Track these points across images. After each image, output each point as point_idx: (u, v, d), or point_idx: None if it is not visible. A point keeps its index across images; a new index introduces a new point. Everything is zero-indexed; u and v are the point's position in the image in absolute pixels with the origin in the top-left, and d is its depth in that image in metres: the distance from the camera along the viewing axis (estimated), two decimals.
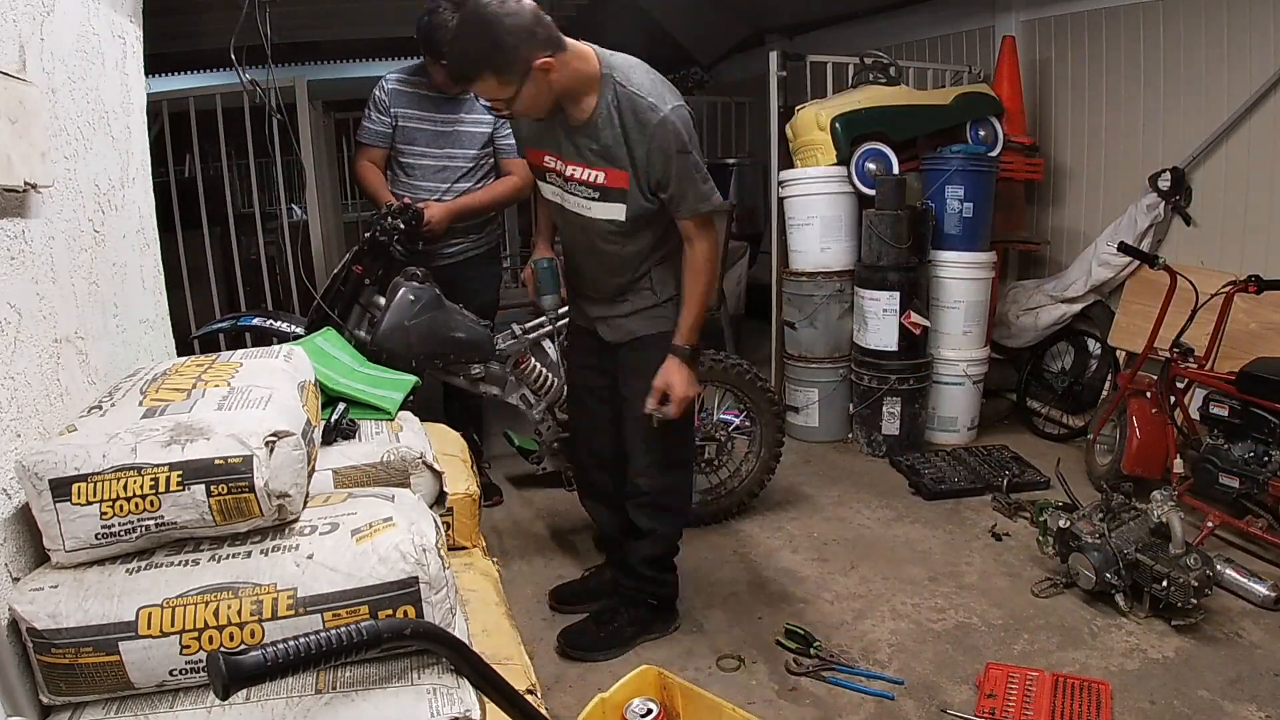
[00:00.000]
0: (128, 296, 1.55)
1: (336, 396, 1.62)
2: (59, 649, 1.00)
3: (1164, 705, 2.12)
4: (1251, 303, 3.15)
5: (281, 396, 1.19)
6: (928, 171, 3.94)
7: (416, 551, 1.07)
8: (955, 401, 3.99)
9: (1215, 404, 2.87)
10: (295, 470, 1.10)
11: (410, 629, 0.90)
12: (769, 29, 6.40)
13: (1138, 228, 3.75)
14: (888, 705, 2.17)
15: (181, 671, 1.03)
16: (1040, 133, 4.37)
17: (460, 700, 1.03)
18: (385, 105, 3.11)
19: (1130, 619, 2.48)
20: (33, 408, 1.14)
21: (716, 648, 2.44)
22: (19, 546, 1.09)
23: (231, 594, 1.03)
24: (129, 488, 1.03)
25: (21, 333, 1.12)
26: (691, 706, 1.44)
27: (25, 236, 1.16)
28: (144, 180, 1.69)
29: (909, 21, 5.12)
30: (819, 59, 4.33)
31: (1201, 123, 3.61)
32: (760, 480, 3.26)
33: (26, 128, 1.12)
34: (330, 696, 1.03)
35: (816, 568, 2.89)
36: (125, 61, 1.61)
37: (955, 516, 3.25)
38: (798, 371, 4.14)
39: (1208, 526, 2.79)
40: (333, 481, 1.41)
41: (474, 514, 1.78)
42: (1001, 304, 4.27)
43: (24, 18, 1.18)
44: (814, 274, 4.03)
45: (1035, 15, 4.37)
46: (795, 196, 4.05)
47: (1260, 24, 3.36)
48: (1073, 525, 2.61)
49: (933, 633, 2.48)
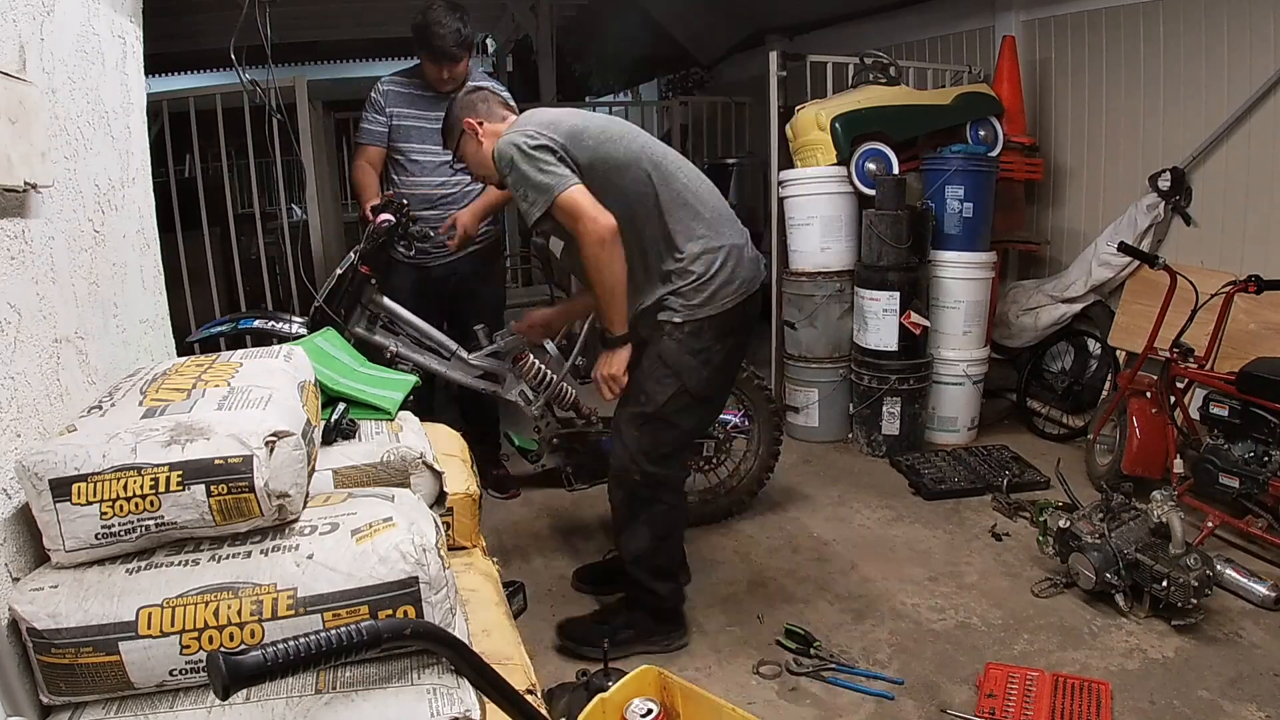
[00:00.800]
0: (128, 296, 1.55)
1: (336, 396, 1.62)
2: (59, 649, 1.00)
3: (1164, 705, 2.12)
4: (1251, 303, 3.15)
5: (281, 396, 1.19)
6: (928, 171, 3.95)
7: (416, 551, 1.07)
8: (955, 401, 3.99)
9: (1215, 404, 2.87)
10: (295, 470, 1.10)
11: (410, 629, 0.90)
12: (769, 29, 6.40)
13: (1138, 228, 3.75)
14: (888, 705, 2.17)
15: (181, 671, 1.03)
16: (1040, 133, 4.37)
17: (460, 700, 1.03)
18: (381, 106, 3.17)
19: (1130, 619, 2.48)
20: (33, 408, 1.14)
21: (717, 647, 2.44)
22: (19, 546, 1.09)
23: (231, 594, 1.03)
24: (129, 488, 1.03)
25: (21, 333, 1.12)
26: (691, 706, 1.44)
27: (25, 236, 1.16)
28: (144, 180, 1.69)
29: (909, 21, 5.12)
30: (819, 59, 4.33)
31: (1201, 123, 3.61)
32: (759, 479, 3.26)
33: (26, 128, 1.12)
34: (330, 696, 1.03)
35: (816, 568, 2.89)
36: (125, 61, 1.61)
37: (955, 516, 3.25)
38: (798, 371, 4.14)
39: (1208, 526, 2.79)
40: (333, 481, 1.41)
41: (474, 514, 1.78)
42: (1001, 304, 4.27)
43: (24, 18, 1.18)
44: (814, 274, 4.04)
45: (1035, 15, 4.37)
46: (795, 196, 4.05)
47: (1260, 24, 3.36)
48: (1073, 525, 2.61)
49: (933, 633, 2.48)
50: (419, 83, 3.17)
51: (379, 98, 3.18)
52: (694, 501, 3.18)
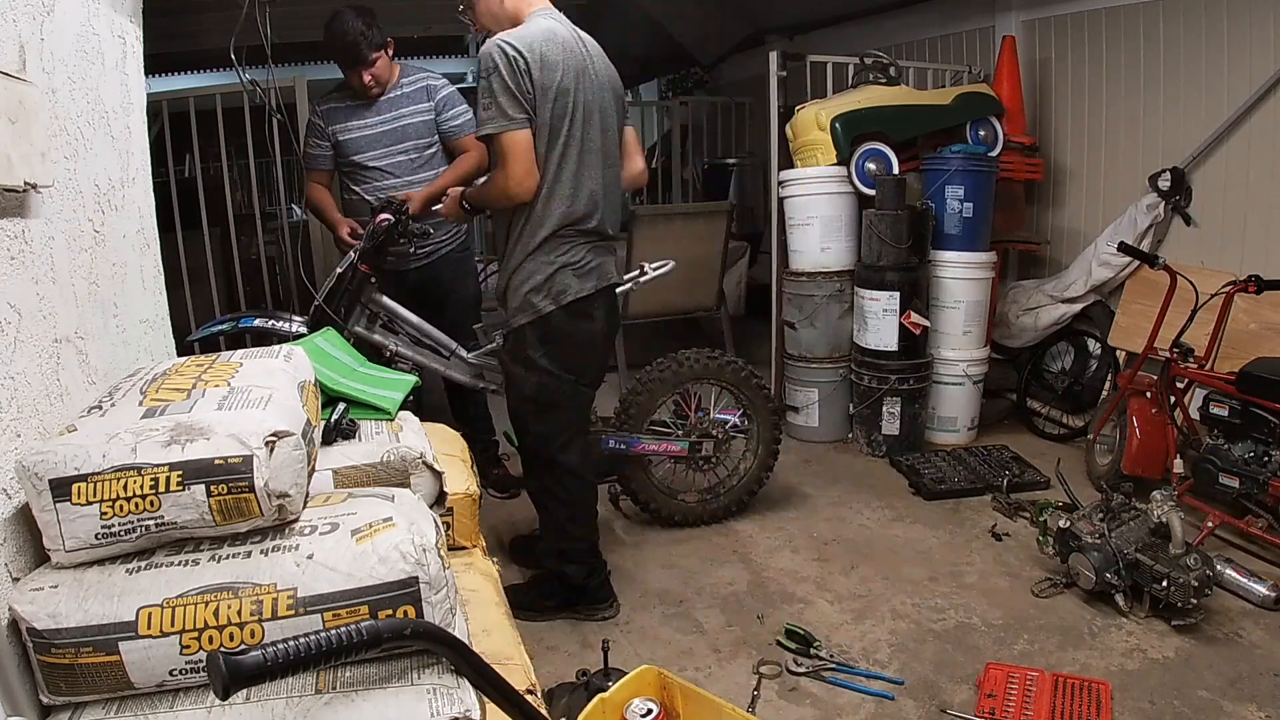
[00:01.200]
0: (128, 296, 1.55)
1: (336, 396, 1.62)
2: (59, 649, 1.00)
3: (1164, 705, 2.12)
4: (1251, 303, 3.15)
5: (281, 396, 1.19)
6: (928, 171, 3.94)
7: (416, 551, 1.07)
8: (955, 401, 3.98)
9: (1215, 404, 2.87)
10: (295, 470, 1.10)
11: (410, 629, 0.89)
12: (769, 29, 6.40)
13: (1138, 228, 3.75)
14: (888, 705, 2.17)
15: (181, 671, 1.03)
16: (1040, 133, 4.37)
17: (460, 700, 1.03)
18: (321, 129, 3.20)
19: (1130, 619, 2.48)
20: (33, 408, 1.14)
21: (716, 647, 2.44)
22: (19, 546, 1.09)
23: (231, 594, 1.03)
24: (129, 488, 1.03)
25: (21, 333, 1.12)
26: (691, 706, 1.44)
27: (25, 236, 1.16)
28: (144, 180, 1.69)
29: (909, 21, 5.12)
30: (819, 59, 4.33)
31: (1201, 123, 3.61)
32: (758, 478, 3.27)
33: (26, 128, 1.12)
34: (330, 696, 1.03)
35: (816, 568, 2.89)
36: (125, 61, 1.61)
37: (955, 516, 3.25)
38: (798, 371, 4.14)
39: (1208, 526, 2.79)
40: (333, 481, 1.41)
41: (474, 514, 1.78)
42: (1001, 304, 4.27)
43: (24, 18, 1.19)
44: (814, 274, 4.04)
45: (1035, 15, 4.37)
46: (795, 196, 4.05)
47: (1260, 24, 3.36)
48: (1073, 525, 2.61)
49: (933, 633, 2.48)
50: (349, 93, 3.18)
51: (318, 121, 3.21)
52: (693, 501, 3.20)
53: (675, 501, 3.17)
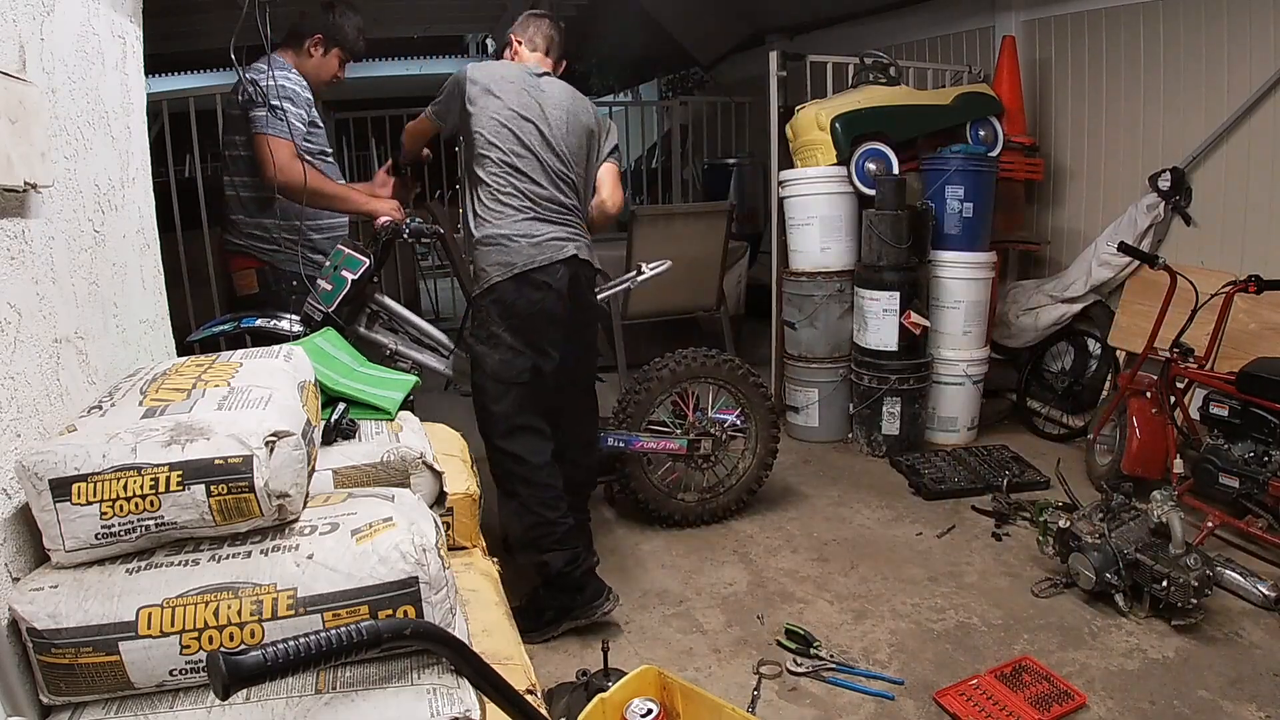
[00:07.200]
0: (128, 296, 1.55)
1: (336, 396, 1.62)
2: (59, 649, 1.00)
3: (1164, 705, 2.13)
4: (1251, 303, 3.15)
5: (281, 396, 1.19)
6: (928, 171, 3.95)
7: (416, 551, 1.07)
8: (955, 401, 3.99)
9: (1215, 404, 2.87)
10: (295, 470, 1.10)
11: (410, 629, 0.89)
12: (769, 29, 6.41)
13: (1138, 228, 3.75)
14: (888, 705, 2.17)
15: (181, 671, 1.03)
16: (1040, 133, 4.37)
17: (460, 700, 1.03)
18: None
19: (1130, 619, 2.48)
20: (33, 408, 1.14)
21: (716, 647, 2.44)
22: (19, 546, 1.09)
23: (231, 594, 1.03)
24: (129, 488, 1.02)
25: (21, 333, 1.12)
26: (691, 706, 1.44)
27: (25, 236, 1.16)
28: (144, 180, 1.69)
29: (909, 21, 5.12)
30: (819, 59, 4.34)
31: (1201, 123, 3.61)
32: (757, 478, 3.27)
33: (26, 128, 1.12)
34: (330, 696, 1.03)
35: (816, 568, 2.89)
36: (125, 61, 1.61)
37: (955, 516, 3.25)
38: (798, 371, 4.14)
39: (1208, 526, 2.79)
40: (333, 481, 1.41)
41: (474, 514, 1.78)
42: (1001, 304, 4.27)
43: (24, 18, 1.18)
44: (814, 274, 4.04)
45: (1035, 15, 4.37)
46: (795, 196, 4.05)
47: (1260, 24, 3.36)
48: (1073, 525, 2.61)
49: (933, 633, 2.48)
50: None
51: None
52: (692, 501, 3.20)
53: (674, 501, 3.17)
